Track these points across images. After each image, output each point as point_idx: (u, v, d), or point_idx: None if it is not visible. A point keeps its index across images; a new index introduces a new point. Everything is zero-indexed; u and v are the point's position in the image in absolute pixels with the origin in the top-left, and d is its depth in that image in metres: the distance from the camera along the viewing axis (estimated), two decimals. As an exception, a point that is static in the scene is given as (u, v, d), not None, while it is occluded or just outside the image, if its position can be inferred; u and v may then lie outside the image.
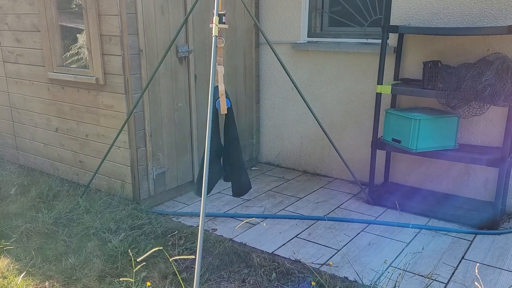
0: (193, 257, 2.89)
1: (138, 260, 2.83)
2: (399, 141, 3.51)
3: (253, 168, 4.70)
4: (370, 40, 4.01)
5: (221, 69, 2.87)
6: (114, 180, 3.75)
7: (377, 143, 3.68)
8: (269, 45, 3.31)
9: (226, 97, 2.88)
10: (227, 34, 4.12)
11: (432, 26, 3.61)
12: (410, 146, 3.42)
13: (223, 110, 2.87)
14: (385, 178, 4.05)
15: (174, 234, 3.22)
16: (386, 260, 2.91)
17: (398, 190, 3.89)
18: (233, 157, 3.01)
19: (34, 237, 3.18)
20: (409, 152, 3.44)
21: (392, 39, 3.81)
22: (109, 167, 3.75)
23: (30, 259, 2.91)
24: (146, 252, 2.94)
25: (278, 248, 3.07)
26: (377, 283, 2.66)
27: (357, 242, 3.15)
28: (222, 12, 2.79)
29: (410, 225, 3.36)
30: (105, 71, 3.50)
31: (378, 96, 3.63)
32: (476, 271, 2.76)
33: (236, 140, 2.99)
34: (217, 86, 2.89)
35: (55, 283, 2.66)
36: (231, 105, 2.92)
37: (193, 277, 2.71)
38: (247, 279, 2.70)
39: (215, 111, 2.90)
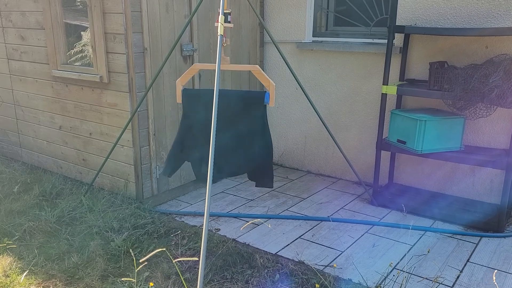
0: (196, 258, 2.88)
1: (140, 261, 2.82)
2: (404, 142, 3.49)
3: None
4: (375, 40, 3.99)
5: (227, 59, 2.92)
6: (118, 178, 3.74)
7: (382, 144, 3.66)
8: (274, 44, 3.29)
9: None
10: (232, 32, 4.10)
11: (439, 26, 3.58)
12: (415, 147, 3.39)
13: (272, 103, 2.92)
14: (389, 179, 4.02)
15: (177, 234, 3.21)
16: (391, 263, 2.89)
17: (403, 192, 3.86)
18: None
19: (37, 236, 3.18)
20: (414, 154, 3.42)
21: (398, 39, 3.78)
22: (112, 166, 3.74)
23: (33, 258, 2.90)
24: (149, 252, 2.93)
25: (281, 249, 3.05)
26: (381, 285, 2.64)
27: (361, 244, 3.13)
28: (227, 11, 2.78)
29: (411, 227, 3.34)
30: (109, 69, 3.49)
31: (383, 96, 3.60)
32: (494, 278, 2.71)
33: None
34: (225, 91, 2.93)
35: (58, 282, 2.65)
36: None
37: (196, 277, 2.70)
38: (250, 280, 2.69)
39: (220, 110, 2.89)
